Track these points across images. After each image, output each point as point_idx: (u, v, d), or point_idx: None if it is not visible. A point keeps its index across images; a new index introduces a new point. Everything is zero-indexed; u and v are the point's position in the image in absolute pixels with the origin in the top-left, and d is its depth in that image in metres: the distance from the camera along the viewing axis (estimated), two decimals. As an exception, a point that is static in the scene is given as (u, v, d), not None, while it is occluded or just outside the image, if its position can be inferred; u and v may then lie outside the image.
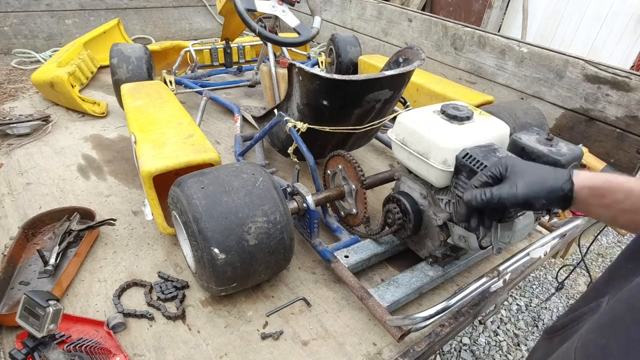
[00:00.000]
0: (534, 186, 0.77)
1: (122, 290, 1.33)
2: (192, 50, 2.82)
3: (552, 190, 0.75)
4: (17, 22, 3.38)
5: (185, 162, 1.38)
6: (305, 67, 1.48)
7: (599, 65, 2.05)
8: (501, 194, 0.78)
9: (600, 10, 4.05)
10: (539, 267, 2.72)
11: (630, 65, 4.03)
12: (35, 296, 0.94)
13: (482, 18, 4.75)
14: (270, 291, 1.38)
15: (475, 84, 2.70)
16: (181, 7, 4.17)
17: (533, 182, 0.77)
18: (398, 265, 1.52)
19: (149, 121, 1.65)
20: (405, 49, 1.82)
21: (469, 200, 0.83)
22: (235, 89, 3.06)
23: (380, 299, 1.24)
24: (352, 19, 3.61)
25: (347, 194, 1.55)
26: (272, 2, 2.06)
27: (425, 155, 1.18)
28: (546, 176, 0.77)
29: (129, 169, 2.01)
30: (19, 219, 1.63)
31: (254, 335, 1.22)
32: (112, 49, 2.31)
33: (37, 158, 2.06)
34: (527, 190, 0.76)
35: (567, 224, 1.60)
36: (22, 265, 1.39)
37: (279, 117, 1.76)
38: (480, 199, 0.80)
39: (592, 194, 0.73)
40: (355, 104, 1.57)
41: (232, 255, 1.13)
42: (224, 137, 2.39)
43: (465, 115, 1.19)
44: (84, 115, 2.52)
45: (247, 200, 1.17)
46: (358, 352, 1.19)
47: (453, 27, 2.73)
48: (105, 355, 1.10)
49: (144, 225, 1.64)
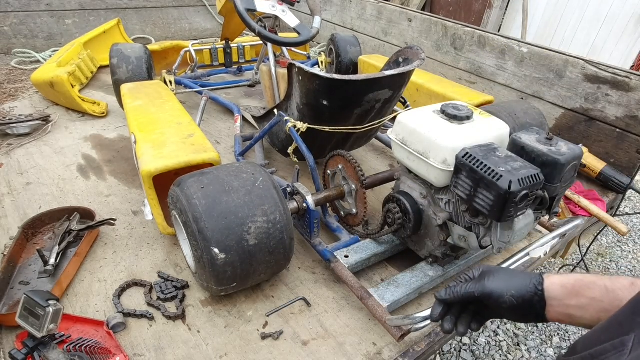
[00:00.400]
0: (504, 280, 0.78)
1: (122, 290, 1.33)
2: (192, 50, 2.82)
3: (522, 285, 0.75)
4: (17, 22, 3.38)
5: (185, 162, 1.38)
6: (305, 67, 1.48)
7: (599, 65, 2.05)
8: (469, 287, 0.80)
9: (600, 11, 4.05)
10: (539, 267, 2.72)
11: (630, 65, 4.03)
12: (35, 296, 0.94)
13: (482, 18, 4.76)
14: (270, 291, 1.38)
15: (475, 84, 2.70)
16: (181, 7, 4.17)
17: (503, 277, 0.79)
18: (398, 265, 1.52)
19: (149, 121, 1.65)
20: (405, 49, 1.82)
21: (440, 295, 0.84)
22: (235, 89, 3.06)
23: (380, 299, 1.24)
24: (352, 19, 3.61)
25: (347, 194, 1.55)
26: (272, 2, 2.06)
27: (425, 154, 1.19)
28: (517, 274, 0.79)
29: (129, 169, 2.01)
30: (19, 219, 1.63)
31: (254, 335, 1.22)
32: (112, 49, 2.31)
33: (37, 158, 2.06)
34: (496, 284, 0.77)
35: (567, 224, 1.60)
36: (22, 265, 1.39)
37: (279, 117, 1.76)
38: (449, 292, 0.82)
39: (567, 293, 0.72)
40: (355, 104, 1.57)
41: (232, 255, 1.13)
42: (224, 137, 2.39)
43: (465, 115, 1.19)
44: (84, 115, 2.52)
45: (247, 200, 1.17)
46: (358, 352, 1.19)
47: (453, 27, 2.73)
48: (105, 355, 1.10)
49: (144, 225, 1.64)
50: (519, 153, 1.12)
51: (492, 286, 0.77)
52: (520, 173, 0.98)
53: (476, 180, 1.03)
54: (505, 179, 0.96)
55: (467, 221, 1.16)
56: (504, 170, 0.98)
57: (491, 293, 0.77)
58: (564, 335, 2.26)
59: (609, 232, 3.02)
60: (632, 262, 2.85)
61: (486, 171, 1.00)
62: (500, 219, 1.01)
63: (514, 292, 0.75)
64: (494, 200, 1.00)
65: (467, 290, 0.80)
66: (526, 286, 0.75)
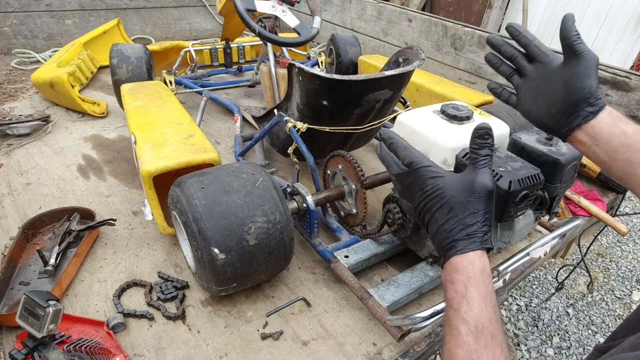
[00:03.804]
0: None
1: (122, 290, 1.33)
2: (192, 51, 2.82)
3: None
4: (17, 22, 3.38)
5: (185, 162, 1.38)
6: (305, 67, 1.48)
7: (599, 65, 2.05)
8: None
9: (600, 10, 4.05)
10: (539, 267, 2.72)
11: (630, 65, 4.03)
12: (35, 296, 0.94)
13: (482, 18, 4.76)
14: (270, 291, 1.38)
15: (475, 84, 2.70)
16: (181, 7, 4.17)
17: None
18: (398, 265, 1.52)
19: (148, 121, 1.65)
20: (405, 49, 1.82)
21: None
22: (235, 89, 3.06)
23: (380, 299, 1.24)
24: (352, 19, 3.61)
25: (347, 194, 1.55)
26: (272, 2, 2.06)
27: (425, 154, 1.18)
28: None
29: (129, 169, 2.01)
30: (19, 219, 1.63)
31: (254, 335, 1.22)
32: (112, 49, 2.31)
33: (37, 158, 2.06)
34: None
35: (567, 224, 1.60)
36: (22, 265, 1.39)
37: (278, 117, 1.76)
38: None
39: (612, 119, 0.73)
40: (355, 104, 1.57)
41: (232, 255, 1.13)
42: (224, 137, 2.39)
43: (465, 115, 1.19)
44: (84, 116, 2.52)
45: (247, 200, 1.17)
46: (358, 352, 1.19)
47: (453, 27, 2.73)
48: (105, 355, 1.10)
49: (144, 225, 1.64)
50: (519, 153, 1.12)
51: (593, 62, 0.74)
52: (520, 173, 0.98)
53: (476, 180, 1.03)
54: (505, 179, 0.96)
55: (467, 221, 1.16)
56: (504, 171, 0.98)
57: (589, 62, 0.74)
58: (564, 335, 2.26)
59: (609, 232, 3.02)
60: (632, 262, 2.85)
61: (486, 171, 1.00)
62: (500, 219, 1.01)
63: (594, 85, 0.73)
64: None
65: (580, 40, 0.75)
66: (596, 91, 0.73)
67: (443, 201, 0.66)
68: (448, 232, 0.65)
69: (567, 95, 0.74)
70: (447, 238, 0.65)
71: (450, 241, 0.64)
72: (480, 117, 1.24)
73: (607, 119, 0.73)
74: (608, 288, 2.63)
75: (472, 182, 0.66)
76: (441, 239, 0.66)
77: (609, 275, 2.74)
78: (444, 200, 0.66)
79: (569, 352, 2.15)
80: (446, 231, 0.65)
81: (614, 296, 2.58)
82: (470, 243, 0.63)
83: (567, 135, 0.76)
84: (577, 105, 0.74)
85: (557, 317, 2.37)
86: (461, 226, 0.64)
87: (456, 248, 0.63)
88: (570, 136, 0.76)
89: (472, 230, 0.64)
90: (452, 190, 0.66)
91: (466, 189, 0.66)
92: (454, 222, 0.65)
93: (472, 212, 0.65)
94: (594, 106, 0.73)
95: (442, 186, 0.67)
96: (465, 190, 0.66)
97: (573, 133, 0.75)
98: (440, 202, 0.67)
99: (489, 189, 0.66)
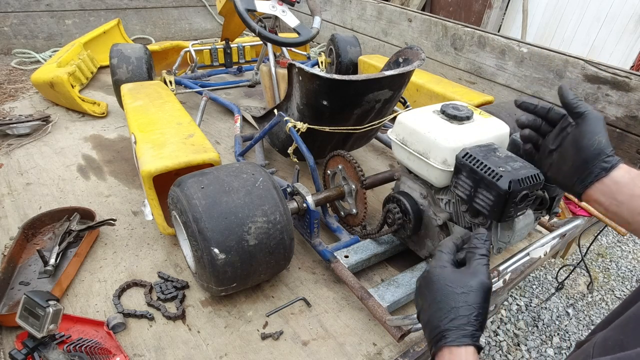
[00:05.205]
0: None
1: (122, 290, 1.33)
2: (192, 51, 2.82)
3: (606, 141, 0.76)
4: (17, 22, 3.38)
5: (185, 162, 1.38)
6: (305, 67, 1.48)
7: (599, 65, 2.05)
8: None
9: (600, 11, 4.05)
10: (539, 267, 2.72)
11: (630, 65, 4.03)
12: (35, 296, 0.94)
13: (482, 18, 4.76)
14: (270, 291, 1.38)
15: (475, 84, 2.70)
16: (181, 7, 4.17)
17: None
18: (398, 265, 1.52)
19: (149, 121, 1.65)
20: (405, 49, 1.82)
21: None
22: (235, 89, 3.06)
23: (380, 299, 1.24)
24: (352, 19, 3.60)
25: (347, 194, 1.55)
26: (272, 2, 2.06)
27: (425, 155, 1.18)
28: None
29: (129, 169, 2.01)
30: (19, 219, 1.63)
31: (254, 335, 1.22)
32: (112, 49, 2.31)
33: (37, 158, 2.06)
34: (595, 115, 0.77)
35: (567, 224, 1.60)
36: (22, 265, 1.39)
37: (278, 117, 1.76)
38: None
39: (630, 178, 0.72)
40: (355, 104, 1.57)
41: (232, 255, 1.13)
42: (224, 137, 2.39)
43: (465, 115, 1.19)
44: (84, 116, 2.52)
45: (247, 200, 1.17)
46: (358, 352, 1.19)
47: (453, 27, 2.73)
48: (105, 355, 1.10)
49: (144, 225, 1.64)
50: (519, 153, 1.11)
51: (596, 122, 0.76)
52: (520, 173, 0.98)
53: (476, 180, 1.03)
54: (505, 179, 0.96)
55: (467, 221, 1.17)
56: (504, 170, 0.98)
57: (593, 122, 0.75)
58: (564, 335, 2.26)
59: (609, 232, 3.02)
60: (632, 262, 2.85)
61: (486, 171, 1.00)
62: (500, 219, 1.01)
63: (603, 141, 0.73)
64: (494, 200, 1.00)
65: (580, 103, 0.77)
66: (608, 147, 0.73)
67: (438, 289, 0.67)
68: (439, 320, 0.64)
69: (577, 153, 0.76)
70: (437, 327, 0.64)
71: (441, 330, 0.63)
72: (481, 117, 1.24)
73: (625, 177, 0.71)
74: (608, 288, 2.64)
75: (470, 277, 0.67)
76: (433, 327, 0.65)
77: (609, 275, 2.74)
78: (440, 288, 0.67)
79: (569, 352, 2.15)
80: (438, 319, 0.64)
81: (614, 296, 2.58)
82: (461, 336, 0.61)
83: (582, 194, 0.76)
84: (587, 162, 0.74)
85: (557, 317, 2.37)
86: (453, 316, 0.63)
87: (447, 339, 0.62)
88: (585, 195, 0.75)
89: (464, 322, 0.62)
90: (450, 281, 0.67)
91: (464, 282, 0.66)
92: (446, 311, 0.64)
93: (467, 304, 0.64)
94: (606, 163, 0.73)
95: (440, 275, 0.68)
96: (463, 283, 0.66)
97: (587, 191, 0.74)
98: (435, 289, 0.67)
99: (486, 284, 0.66)
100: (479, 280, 0.66)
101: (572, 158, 0.77)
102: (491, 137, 1.17)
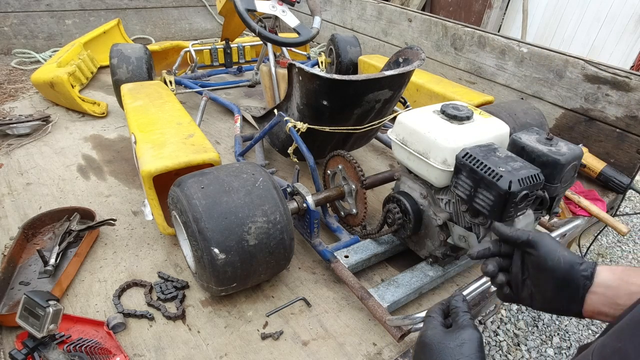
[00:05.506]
0: (556, 243, 0.74)
1: (122, 290, 1.33)
2: (192, 51, 2.82)
3: (572, 255, 0.72)
4: (17, 22, 3.38)
5: (185, 162, 1.38)
6: (305, 67, 1.48)
7: (599, 65, 2.05)
8: (520, 232, 0.76)
9: (600, 11, 4.05)
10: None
11: (630, 65, 4.03)
12: (35, 296, 0.94)
13: (482, 18, 4.76)
14: (270, 291, 1.38)
15: (475, 84, 2.70)
16: (181, 7, 4.17)
17: (554, 241, 0.74)
18: (398, 265, 1.52)
19: (149, 121, 1.65)
20: (405, 49, 1.82)
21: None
22: (235, 89, 3.06)
23: (380, 299, 1.24)
24: (352, 19, 3.60)
25: (347, 194, 1.55)
26: (272, 2, 2.06)
27: (425, 155, 1.19)
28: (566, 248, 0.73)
29: (129, 169, 2.01)
30: (19, 219, 1.63)
31: (254, 335, 1.22)
32: (112, 49, 2.31)
33: (37, 158, 2.06)
34: (550, 240, 0.73)
35: (567, 224, 1.60)
36: (22, 265, 1.39)
37: (279, 117, 1.76)
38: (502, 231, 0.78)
39: (616, 278, 0.68)
40: (355, 104, 1.57)
41: (232, 255, 1.13)
42: (224, 137, 2.39)
43: (465, 115, 1.19)
44: (84, 116, 2.52)
45: (247, 200, 1.17)
46: (358, 352, 1.19)
47: (453, 27, 2.73)
48: (105, 355, 1.10)
49: (144, 225, 1.64)
50: (519, 153, 1.12)
51: (546, 239, 0.73)
52: (520, 173, 0.98)
53: (476, 180, 1.03)
54: (505, 179, 0.96)
55: (467, 221, 1.17)
56: (504, 170, 0.98)
57: (544, 242, 0.72)
58: (564, 335, 2.26)
59: (609, 232, 3.02)
60: (632, 262, 2.85)
61: (486, 171, 1.00)
62: (501, 219, 1.01)
63: (566, 254, 0.70)
64: (494, 200, 1.00)
65: (518, 233, 0.74)
66: (575, 257, 0.70)
67: (434, 349, 0.68)
68: None
69: (551, 275, 0.72)
70: None
71: None
72: (480, 117, 1.24)
73: (613, 279, 0.68)
74: (608, 288, 2.63)
75: (459, 331, 0.69)
76: None
77: (609, 275, 2.73)
78: (435, 348, 0.68)
79: (569, 352, 2.15)
80: None
81: (614, 296, 2.58)
82: None
83: (582, 310, 0.71)
84: (565, 279, 0.69)
85: (557, 317, 2.37)
86: None
87: None
88: (586, 311, 0.70)
89: None
90: (443, 339, 0.69)
91: (455, 337, 0.68)
92: None
93: (463, 355, 0.65)
94: (585, 271, 0.69)
95: (433, 336, 0.70)
96: (455, 338, 0.68)
97: (585, 307, 0.70)
98: (431, 350, 0.69)
99: (476, 335, 0.68)
100: (468, 332, 0.68)
101: (549, 282, 0.72)
102: (491, 137, 1.17)
